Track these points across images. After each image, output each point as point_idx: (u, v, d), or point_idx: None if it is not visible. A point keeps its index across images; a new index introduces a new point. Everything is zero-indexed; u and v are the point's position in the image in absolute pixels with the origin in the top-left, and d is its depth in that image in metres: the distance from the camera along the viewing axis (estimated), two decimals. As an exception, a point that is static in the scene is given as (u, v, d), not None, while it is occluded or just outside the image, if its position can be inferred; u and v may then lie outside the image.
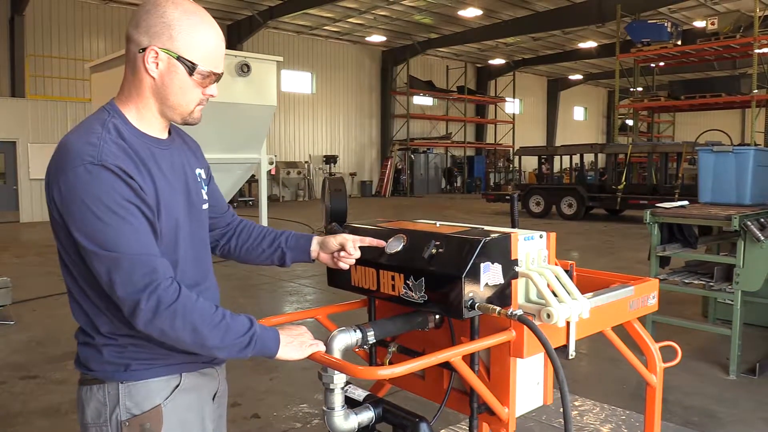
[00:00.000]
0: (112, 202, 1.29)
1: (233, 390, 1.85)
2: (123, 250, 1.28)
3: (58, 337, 5.49)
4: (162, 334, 1.32)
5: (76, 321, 1.45)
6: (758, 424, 3.68)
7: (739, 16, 17.77)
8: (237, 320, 1.38)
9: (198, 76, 1.42)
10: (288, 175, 23.57)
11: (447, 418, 3.23)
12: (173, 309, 1.30)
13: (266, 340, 1.41)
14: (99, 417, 1.41)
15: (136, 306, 1.28)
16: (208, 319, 1.34)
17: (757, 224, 4.24)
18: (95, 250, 1.29)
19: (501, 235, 1.65)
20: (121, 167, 1.31)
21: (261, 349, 1.40)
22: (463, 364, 1.60)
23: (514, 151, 26.09)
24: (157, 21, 1.37)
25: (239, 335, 1.36)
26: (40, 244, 11.40)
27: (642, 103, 21.02)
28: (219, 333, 1.34)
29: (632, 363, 2.07)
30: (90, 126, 1.38)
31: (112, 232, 1.28)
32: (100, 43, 19.67)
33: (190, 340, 1.33)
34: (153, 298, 1.28)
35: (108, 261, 1.29)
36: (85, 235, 1.29)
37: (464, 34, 24.37)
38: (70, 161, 1.30)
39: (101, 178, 1.29)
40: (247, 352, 1.38)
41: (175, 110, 1.45)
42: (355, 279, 1.86)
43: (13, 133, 15.37)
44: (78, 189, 1.28)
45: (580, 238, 12.65)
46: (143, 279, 1.29)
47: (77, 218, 1.29)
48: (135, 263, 1.29)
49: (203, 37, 1.41)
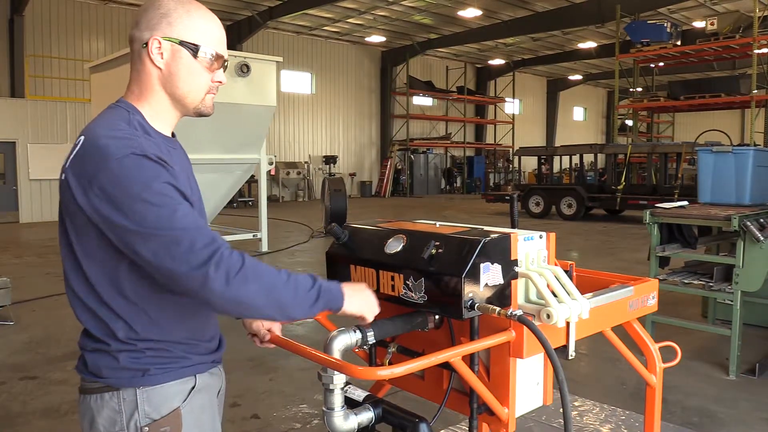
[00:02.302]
0: (162, 187, 1.28)
1: (233, 390, 1.86)
2: (180, 226, 1.27)
3: (57, 338, 5.49)
4: (238, 303, 1.29)
5: (89, 328, 1.41)
6: (758, 425, 3.68)
7: (739, 17, 17.78)
8: (301, 276, 1.40)
9: (203, 59, 1.44)
10: (288, 175, 23.58)
11: (447, 419, 3.23)
12: (243, 274, 1.28)
13: (333, 291, 1.43)
14: (114, 425, 1.39)
15: (205, 278, 1.25)
16: (276, 278, 1.34)
17: (757, 224, 4.24)
18: (151, 233, 1.26)
19: (501, 235, 1.65)
20: (161, 158, 1.32)
21: (328, 302, 1.42)
22: (462, 364, 1.60)
23: (513, 151, 26.14)
24: (155, 14, 1.41)
25: (307, 289, 1.38)
26: (40, 244, 11.40)
27: (641, 103, 21.02)
28: (290, 290, 1.35)
29: (632, 363, 2.07)
30: (115, 123, 1.37)
31: (167, 213, 1.27)
32: (99, 44, 19.66)
33: (264, 303, 1.32)
34: (221, 267, 1.26)
35: (167, 241, 1.26)
36: (138, 222, 1.26)
37: (464, 34, 24.38)
38: (111, 155, 1.28)
39: (147, 167, 1.28)
40: (317, 307, 1.39)
41: (187, 99, 1.46)
42: (354, 279, 1.86)
43: (13, 133, 15.36)
44: (125, 179, 1.27)
45: (580, 238, 12.65)
46: (206, 250, 1.26)
47: (128, 207, 1.26)
48: (195, 237, 1.27)
49: (201, 20, 1.44)
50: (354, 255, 1.87)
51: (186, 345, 1.45)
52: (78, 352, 1.46)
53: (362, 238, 1.89)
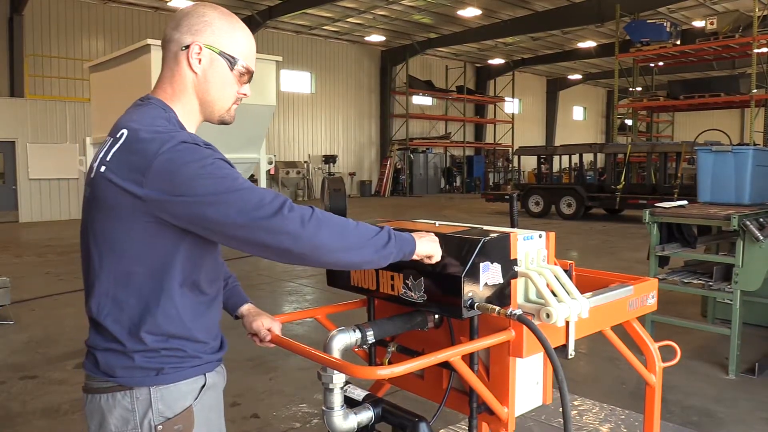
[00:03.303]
0: (219, 162, 1.33)
1: (233, 390, 1.86)
2: (247, 186, 1.32)
3: (57, 337, 5.49)
4: (315, 246, 1.32)
5: (108, 326, 1.39)
6: (757, 424, 3.68)
7: (738, 16, 17.78)
8: (364, 223, 1.45)
9: (237, 71, 1.49)
10: (287, 174, 23.57)
11: (446, 418, 3.23)
12: (316, 218, 1.33)
13: (403, 235, 1.48)
14: (126, 424, 1.40)
15: (282, 222, 1.30)
16: (345, 223, 1.39)
17: (756, 224, 4.24)
18: (220, 199, 1.29)
19: (500, 234, 1.65)
20: (209, 145, 1.37)
21: (400, 244, 1.47)
22: (462, 363, 1.60)
23: (513, 150, 26.15)
24: (199, 20, 1.46)
25: (376, 232, 1.43)
26: (40, 244, 11.39)
27: (641, 102, 21.02)
28: (360, 234, 1.40)
29: (631, 363, 2.07)
30: (154, 121, 1.40)
31: (231, 179, 1.31)
32: (99, 43, 19.65)
33: (340, 245, 1.36)
34: (294, 212, 1.31)
35: (237, 199, 1.29)
36: (204, 194, 1.29)
37: (463, 33, 24.38)
38: (164, 145, 1.31)
39: (199, 150, 1.33)
40: (389, 248, 1.43)
41: (215, 105, 1.51)
42: (354, 279, 1.86)
43: (13, 133, 15.37)
44: (184, 163, 1.30)
45: (580, 237, 12.65)
46: (276, 201, 1.31)
47: (192, 186, 1.29)
48: (263, 192, 1.32)
49: (240, 36, 1.50)
50: (354, 254, 1.87)
51: (201, 344, 1.46)
52: (80, 351, 1.47)
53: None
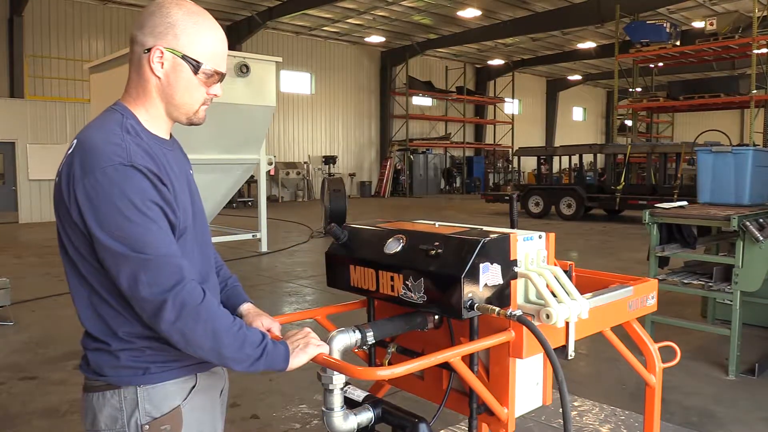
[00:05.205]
0: (142, 203, 1.29)
1: (233, 390, 1.86)
2: (152, 252, 1.28)
3: (57, 338, 5.49)
4: (182, 337, 1.31)
5: (88, 328, 1.42)
6: (757, 425, 3.68)
7: (738, 17, 17.78)
8: (252, 332, 1.39)
9: (202, 75, 1.44)
10: (287, 175, 23.57)
11: (446, 419, 3.23)
12: (197, 311, 1.30)
13: (277, 354, 1.42)
14: (115, 423, 1.41)
15: (162, 306, 1.28)
16: (228, 326, 1.34)
17: (756, 224, 4.24)
18: (123, 252, 1.27)
19: (500, 235, 1.65)
20: (149, 168, 1.32)
21: (271, 363, 1.41)
22: (462, 364, 1.60)
23: (513, 151, 26.16)
24: (162, 21, 1.39)
25: (254, 346, 1.37)
26: (39, 244, 11.39)
27: (641, 103, 21.00)
28: (237, 342, 1.35)
29: (631, 363, 2.07)
30: (107, 127, 1.37)
31: (141, 233, 1.28)
32: (98, 44, 19.65)
33: (209, 346, 1.33)
34: (179, 298, 1.28)
35: (136, 262, 1.28)
36: (113, 236, 1.28)
37: (463, 34, 24.37)
38: (98, 161, 1.29)
39: (132, 179, 1.29)
40: (258, 365, 1.39)
41: (181, 109, 1.47)
42: (354, 279, 1.86)
43: (12, 133, 15.35)
44: (108, 189, 1.27)
45: (579, 238, 12.65)
46: (170, 279, 1.29)
47: (105, 219, 1.28)
48: (162, 264, 1.29)
49: (207, 37, 1.43)
50: (353, 255, 1.87)
51: None
52: (79, 351, 1.47)
53: (362, 239, 1.89)
